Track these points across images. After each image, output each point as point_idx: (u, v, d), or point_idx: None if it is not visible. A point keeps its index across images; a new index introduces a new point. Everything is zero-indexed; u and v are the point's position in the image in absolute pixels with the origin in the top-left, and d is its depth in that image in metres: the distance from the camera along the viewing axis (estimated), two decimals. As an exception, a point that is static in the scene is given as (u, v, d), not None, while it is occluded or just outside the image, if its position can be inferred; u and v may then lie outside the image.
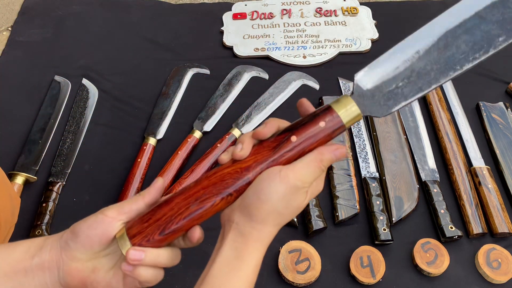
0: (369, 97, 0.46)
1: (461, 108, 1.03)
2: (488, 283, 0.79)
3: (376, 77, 0.47)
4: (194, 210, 0.45)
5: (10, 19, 1.24)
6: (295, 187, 0.44)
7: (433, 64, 0.46)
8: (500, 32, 0.45)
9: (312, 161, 0.45)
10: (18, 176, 0.88)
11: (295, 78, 1.09)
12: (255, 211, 0.44)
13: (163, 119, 1.01)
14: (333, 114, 0.46)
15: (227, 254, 0.45)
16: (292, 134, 0.46)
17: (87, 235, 0.46)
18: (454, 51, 0.45)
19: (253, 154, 0.46)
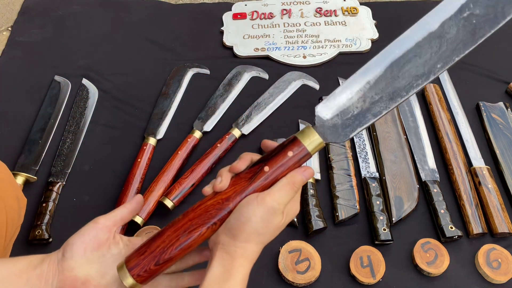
0: (330, 127, 0.52)
1: (461, 108, 1.03)
2: (488, 283, 0.79)
3: (334, 108, 0.52)
4: (184, 240, 0.50)
5: (10, 19, 1.24)
6: (272, 208, 0.49)
7: (383, 93, 0.51)
8: (438, 60, 0.50)
9: (285, 184, 0.51)
10: (18, 176, 0.88)
11: (295, 78, 1.09)
12: (238, 232, 0.50)
13: (163, 119, 1.01)
14: (299, 145, 0.51)
15: (216, 271, 0.50)
16: (265, 164, 0.51)
17: (81, 241, 0.51)
18: (399, 79, 0.50)
19: (232, 185, 0.52)
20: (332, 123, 0.52)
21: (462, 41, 0.49)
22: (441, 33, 0.50)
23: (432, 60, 0.50)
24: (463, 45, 0.49)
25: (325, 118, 0.52)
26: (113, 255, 0.53)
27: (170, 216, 0.86)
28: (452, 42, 0.50)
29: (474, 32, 0.49)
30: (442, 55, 0.50)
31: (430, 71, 0.50)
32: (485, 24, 0.49)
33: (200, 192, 0.89)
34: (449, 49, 0.50)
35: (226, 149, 0.94)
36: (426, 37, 0.50)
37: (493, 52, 1.16)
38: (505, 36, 1.20)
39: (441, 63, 0.50)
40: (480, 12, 0.49)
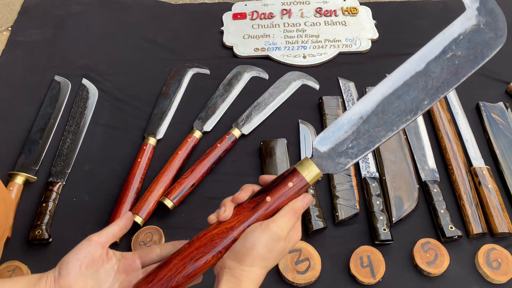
0: (326, 158, 0.56)
1: (461, 108, 1.03)
2: (488, 283, 0.79)
3: (330, 141, 0.56)
4: (190, 268, 0.53)
5: (10, 19, 1.24)
6: (275, 234, 0.52)
7: (375, 127, 0.55)
8: (425, 97, 0.54)
9: (288, 211, 0.54)
10: (18, 176, 0.88)
11: (295, 78, 1.09)
12: (244, 256, 0.52)
13: (163, 119, 1.01)
14: (298, 176, 0.55)
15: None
16: (266, 195, 0.54)
17: (76, 259, 0.54)
18: (390, 115, 0.55)
19: (236, 215, 0.55)
20: (328, 154, 0.56)
21: (446, 80, 0.54)
22: (427, 72, 0.54)
23: (419, 97, 0.54)
24: (447, 84, 0.54)
25: (322, 151, 0.56)
26: (107, 270, 0.55)
27: (170, 216, 0.86)
28: (437, 80, 0.54)
29: (457, 72, 0.54)
30: (428, 93, 0.54)
31: (418, 107, 0.54)
32: (466, 64, 0.54)
33: (199, 192, 0.89)
34: (434, 86, 0.54)
35: (226, 149, 0.94)
36: (413, 76, 0.55)
37: (493, 52, 1.16)
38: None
39: (427, 100, 0.54)
40: (462, 54, 0.54)
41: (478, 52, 0.54)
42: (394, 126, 0.55)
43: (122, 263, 0.57)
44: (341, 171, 0.56)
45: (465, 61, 0.54)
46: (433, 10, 1.27)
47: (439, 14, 1.25)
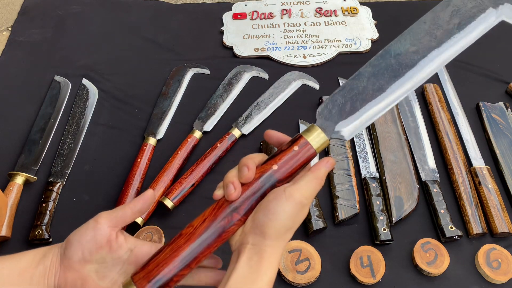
0: (331, 122, 0.53)
1: (461, 108, 1.03)
2: (488, 283, 0.79)
3: (333, 104, 0.54)
4: (198, 250, 0.49)
5: (10, 19, 1.24)
6: (300, 203, 0.49)
7: (372, 85, 0.53)
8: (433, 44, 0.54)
9: (312, 179, 0.50)
10: (18, 176, 0.88)
11: (295, 78, 1.09)
12: (268, 229, 0.48)
13: (163, 119, 1.01)
14: (304, 141, 0.52)
15: (242, 271, 0.47)
16: (272, 164, 0.51)
17: (79, 242, 0.49)
18: (376, 82, 0.53)
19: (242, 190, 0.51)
20: (333, 118, 0.53)
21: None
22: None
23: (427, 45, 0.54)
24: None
25: (326, 115, 0.53)
26: (114, 259, 0.51)
27: (170, 216, 0.86)
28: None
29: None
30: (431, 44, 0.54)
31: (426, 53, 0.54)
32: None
33: (199, 192, 0.90)
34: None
35: (226, 149, 0.94)
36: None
37: (493, 52, 1.16)
38: (505, 36, 1.20)
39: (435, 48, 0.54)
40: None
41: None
42: (397, 76, 0.53)
43: (134, 254, 0.52)
44: (350, 137, 0.53)
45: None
46: (433, 10, 1.27)
47: (439, 14, 1.25)
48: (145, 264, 0.49)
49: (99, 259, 0.50)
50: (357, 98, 0.53)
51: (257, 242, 0.48)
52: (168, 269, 0.48)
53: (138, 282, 0.48)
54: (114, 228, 0.50)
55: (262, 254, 0.48)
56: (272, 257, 0.49)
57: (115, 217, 0.51)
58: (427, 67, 0.53)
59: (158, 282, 0.47)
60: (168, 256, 0.48)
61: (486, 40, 0.59)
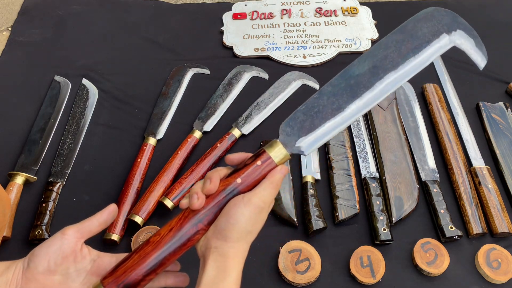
0: (292, 138, 0.57)
1: (461, 108, 1.03)
2: (488, 283, 0.79)
3: (295, 121, 0.58)
4: (163, 255, 0.53)
5: (10, 19, 1.24)
6: (258, 207, 0.53)
7: (331, 104, 0.57)
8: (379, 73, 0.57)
9: (268, 184, 0.54)
10: (18, 176, 0.88)
11: (295, 78, 1.09)
12: (229, 233, 0.52)
13: (163, 119, 1.01)
14: (267, 157, 0.55)
15: (211, 273, 0.51)
16: (236, 177, 0.55)
17: (45, 252, 0.52)
18: (335, 101, 0.57)
19: (206, 200, 0.54)
20: (294, 135, 0.57)
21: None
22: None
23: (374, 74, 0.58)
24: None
25: (287, 131, 0.57)
26: (77, 270, 0.54)
27: (170, 216, 0.86)
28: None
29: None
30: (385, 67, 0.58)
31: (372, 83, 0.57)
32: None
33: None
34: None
35: (226, 149, 0.94)
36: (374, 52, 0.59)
37: (493, 52, 1.15)
38: (505, 36, 1.20)
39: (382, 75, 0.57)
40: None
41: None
42: (345, 106, 0.56)
43: (96, 264, 0.55)
44: (308, 152, 0.57)
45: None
46: (433, 10, 1.27)
47: (439, 14, 1.25)
48: (114, 269, 0.53)
49: (64, 270, 0.53)
50: (317, 116, 0.57)
51: (220, 245, 0.52)
52: (135, 274, 0.52)
53: (107, 285, 0.51)
54: (80, 239, 0.54)
55: (226, 255, 0.52)
56: (236, 257, 0.52)
57: (82, 228, 0.54)
58: (384, 88, 0.56)
59: (126, 286, 0.51)
60: (136, 263, 0.52)
61: (486, 40, 0.59)
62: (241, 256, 0.53)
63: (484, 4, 1.30)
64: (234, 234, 0.52)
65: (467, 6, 1.28)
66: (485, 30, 1.21)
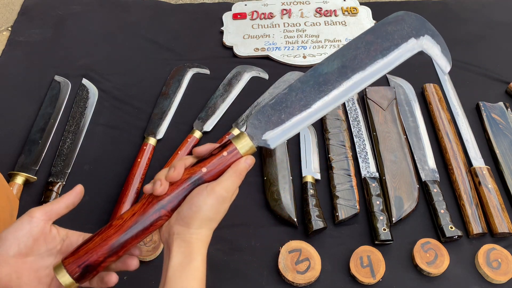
0: (259, 131, 0.58)
1: (461, 108, 1.03)
2: (488, 283, 0.79)
3: (262, 115, 0.59)
4: (125, 238, 0.54)
5: (10, 19, 1.24)
6: (221, 196, 0.54)
7: (299, 100, 0.59)
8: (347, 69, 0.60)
9: (232, 174, 0.55)
10: (18, 176, 0.88)
11: (295, 78, 1.09)
12: (191, 220, 0.53)
13: (163, 119, 1.01)
14: (232, 148, 0.57)
15: (177, 258, 0.53)
16: (201, 166, 0.56)
17: (15, 237, 0.52)
18: (303, 98, 0.59)
19: (171, 187, 0.55)
20: (260, 127, 0.58)
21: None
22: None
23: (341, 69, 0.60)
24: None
25: (254, 124, 0.58)
26: (49, 249, 0.54)
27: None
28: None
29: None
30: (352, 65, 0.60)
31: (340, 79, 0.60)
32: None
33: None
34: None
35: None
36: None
37: (493, 52, 1.16)
38: (505, 36, 1.20)
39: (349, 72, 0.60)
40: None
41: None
42: (312, 102, 0.58)
43: (65, 244, 0.56)
44: (274, 145, 0.58)
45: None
46: (433, 10, 1.27)
47: (439, 14, 1.25)
48: (75, 250, 0.53)
49: (35, 251, 0.53)
50: (285, 111, 0.58)
51: (182, 231, 0.53)
52: (96, 255, 0.53)
53: (68, 265, 0.52)
54: (48, 221, 0.54)
55: (189, 240, 0.53)
56: (199, 242, 0.54)
57: (49, 210, 0.54)
58: (350, 87, 0.58)
59: (87, 266, 0.52)
60: (98, 245, 0.53)
61: (486, 40, 0.59)
62: (204, 241, 0.55)
63: (484, 4, 1.30)
64: (196, 221, 0.53)
65: (467, 6, 1.28)
66: (485, 30, 1.21)
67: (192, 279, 0.52)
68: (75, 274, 0.52)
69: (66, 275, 0.52)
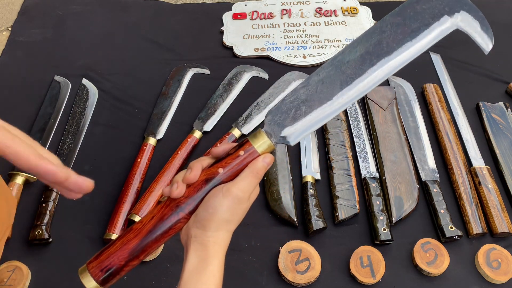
0: (277, 128, 0.55)
1: (461, 108, 1.03)
2: (488, 283, 0.79)
3: (280, 111, 0.55)
4: (145, 242, 0.53)
5: (10, 19, 1.24)
6: (237, 197, 0.52)
7: (319, 93, 0.54)
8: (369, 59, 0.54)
9: (249, 174, 0.53)
10: (18, 176, 0.88)
11: (295, 78, 1.09)
12: (207, 222, 0.52)
13: (163, 119, 1.01)
14: (250, 147, 0.54)
15: (193, 262, 0.52)
16: (218, 167, 0.54)
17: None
18: (323, 90, 0.54)
19: (188, 189, 0.54)
20: (278, 124, 0.55)
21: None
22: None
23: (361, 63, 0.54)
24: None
25: (271, 121, 0.55)
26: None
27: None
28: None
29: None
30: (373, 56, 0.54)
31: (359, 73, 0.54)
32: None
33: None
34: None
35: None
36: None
37: (493, 52, 1.15)
38: (505, 36, 1.20)
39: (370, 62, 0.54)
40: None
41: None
42: (328, 99, 0.54)
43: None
44: (294, 142, 0.54)
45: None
46: (433, 10, 1.27)
47: (439, 14, 1.25)
48: (98, 254, 0.54)
49: None
50: (304, 104, 0.54)
51: (199, 234, 0.52)
52: (118, 259, 0.53)
53: (92, 269, 0.53)
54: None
55: (206, 244, 0.52)
56: (216, 246, 0.52)
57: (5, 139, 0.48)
58: (375, 75, 0.53)
59: (109, 270, 0.52)
60: (119, 249, 0.53)
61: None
62: (222, 245, 0.53)
63: (484, 4, 1.29)
64: (213, 223, 0.52)
65: (467, 6, 1.28)
66: (485, 30, 1.21)
67: (207, 284, 0.51)
68: (98, 278, 0.52)
69: (91, 280, 0.52)
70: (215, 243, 0.52)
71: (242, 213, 0.54)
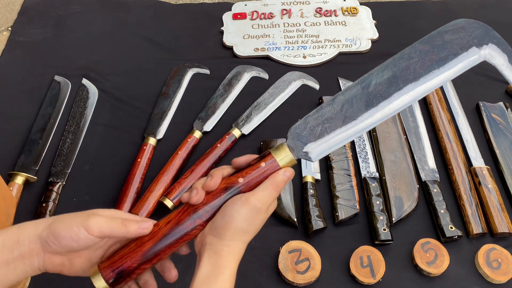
0: (301, 145, 0.55)
1: (461, 108, 1.03)
2: (488, 283, 0.79)
3: (304, 127, 0.56)
4: (160, 247, 0.53)
5: (10, 19, 1.24)
6: (255, 207, 0.52)
7: (345, 112, 0.55)
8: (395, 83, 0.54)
9: (269, 185, 0.53)
10: (18, 176, 0.88)
11: (295, 78, 1.09)
12: (223, 231, 0.52)
13: (163, 119, 1.01)
14: (272, 160, 0.55)
15: (205, 270, 0.51)
16: (239, 176, 0.54)
17: (71, 240, 0.50)
18: (348, 109, 0.55)
19: (207, 197, 0.54)
20: (301, 140, 0.55)
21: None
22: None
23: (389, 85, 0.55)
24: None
25: (296, 136, 0.55)
26: (99, 244, 0.54)
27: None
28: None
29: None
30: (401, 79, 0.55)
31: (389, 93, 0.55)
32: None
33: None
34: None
35: (226, 149, 0.94)
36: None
37: (493, 52, 1.16)
38: (505, 36, 1.20)
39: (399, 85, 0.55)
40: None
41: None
42: (353, 117, 0.54)
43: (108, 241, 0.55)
44: (316, 159, 0.55)
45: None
46: (433, 10, 1.27)
47: (438, 14, 1.25)
48: (112, 255, 0.54)
49: (90, 248, 0.53)
50: (329, 122, 0.55)
51: (214, 242, 0.52)
52: (130, 261, 0.52)
53: (103, 270, 0.52)
54: (102, 236, 0.51)
55: (220, 253, 0.52)
56: (230, 255, 0.52)
57: (108, 228, 0.51)
58: (401, 99, 0.53)
59: (120, 272, 0.52)
60: (133, 250, 0.53)
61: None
62: (236, 255, 0.53)
63: (484, 4, 1.30)
64: (228, 232, 0.52)
65: (467, 6, 1.28)
66: (485, 30, 1.21)
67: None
68: (109, 279, 0.52)
69: (101, 279, 0.52)
70: (229, 252, 0.52)
71: (259, 224, 0.54)
